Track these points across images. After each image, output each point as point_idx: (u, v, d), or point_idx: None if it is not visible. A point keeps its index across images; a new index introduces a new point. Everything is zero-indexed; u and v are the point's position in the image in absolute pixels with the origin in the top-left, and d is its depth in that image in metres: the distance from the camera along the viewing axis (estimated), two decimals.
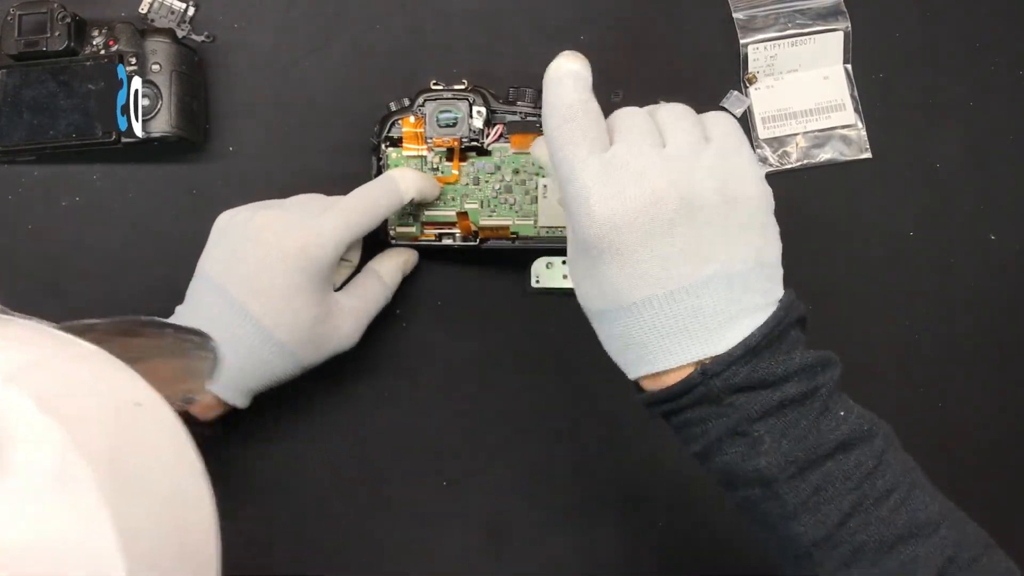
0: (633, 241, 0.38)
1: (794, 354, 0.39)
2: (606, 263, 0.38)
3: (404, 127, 0.54)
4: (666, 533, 0.56)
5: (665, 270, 0.38)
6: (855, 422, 0.39)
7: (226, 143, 0.58)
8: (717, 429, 0.39)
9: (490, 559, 0.56)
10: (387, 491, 0.57)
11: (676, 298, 0.38)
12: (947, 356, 0.57)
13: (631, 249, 0.38)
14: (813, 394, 0.39)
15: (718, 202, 0.38)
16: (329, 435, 0.57)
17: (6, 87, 0.55)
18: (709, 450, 0.40)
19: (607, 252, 0.38)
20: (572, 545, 0.56)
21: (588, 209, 0.38)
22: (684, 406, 0.39)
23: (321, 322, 0.49)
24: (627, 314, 0.39)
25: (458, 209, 0.54)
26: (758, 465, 0.38)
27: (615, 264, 0.38)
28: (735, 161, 0.40)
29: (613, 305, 0.39)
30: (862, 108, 0.58)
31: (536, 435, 0.57)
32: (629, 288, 0.38)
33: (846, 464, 0.38)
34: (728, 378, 0.38)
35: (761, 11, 0.59)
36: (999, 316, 0.58)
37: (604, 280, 0.39)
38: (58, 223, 0.58)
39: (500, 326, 0.58)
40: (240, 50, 0.59)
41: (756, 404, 0.38)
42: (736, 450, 0.39)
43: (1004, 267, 0.58)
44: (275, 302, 0.47)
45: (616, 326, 0.40)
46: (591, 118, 0.39)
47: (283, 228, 0.47)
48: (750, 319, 0.39)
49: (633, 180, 0.38)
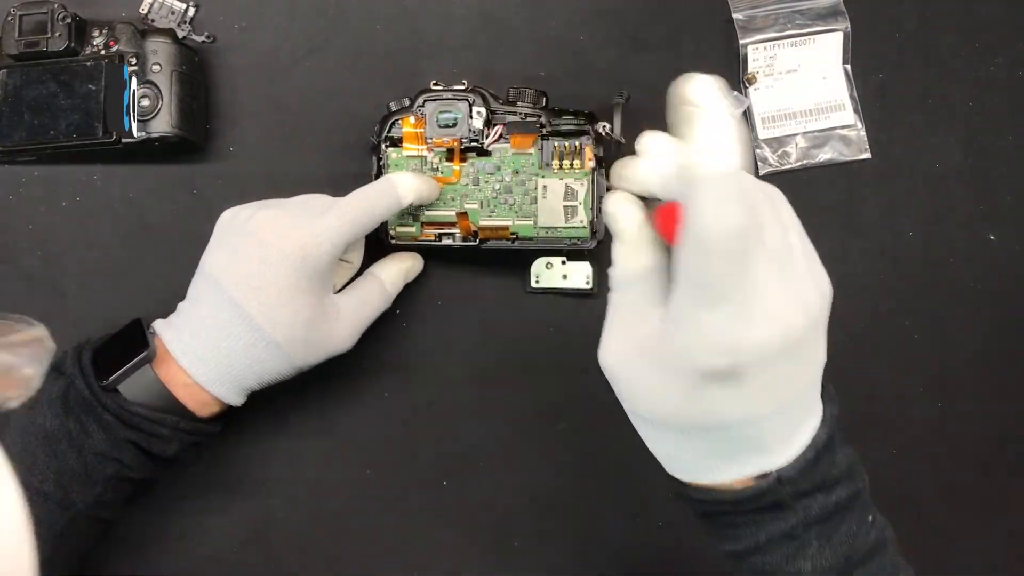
0: (768, 365, 0.34)
1: (839, 453, 0.38)
2: (727, 387, 0.34)
3: (404, 127, 0.54)
4: (666, 533, 0.56)
5: (774, 391, 0.35)
6: (880, 527, 0.39)
7: (226, 143, 0.58)
8: (769, 532, 0.38)
9: (490, 559, 0.56)
10: (387, 491, 0.57)
11: (771, 417, 0.35)
12: (947, 356, 0.57)
13: (757, 373, 0.34)
14: (857, 497, 0.39)
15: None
16: (329, 435, 0.57)
17: (6, 87, 0.55)
18: (752, 551, 0.39)
19: (734, 376, 0.33)
20: (572, 545, 0.56)
21: (744, 331, 0.33)
22: (745, 510, 0.38)
23: (317, 324, 0.49)
24: (714, 431, 0.36)
25: (458, 209, 0.54)
26: (801, 568, 0.37)
27: (733, 387, 0.34)
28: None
29: (702, 424, 0.36)
30: (862, 108, 0.58)
31: (536, 435, 0.57)
32: (732, 408, 0.35)
33: (870, 572, 0.38)
34: (799, 484, 0.37)
35: (761, 11, 0.59)
36: (999, 316, 0.58)
37: (709, 400, 0.35)
38: (58, 223, 0.58)
39: (500, 326, 0.58)
40: (240, 50, 0.59)
41: (815, 508, 0.37)
42: (782, 552, 0.38)
43: (1004, 267, 0.58)
44: (272, 302, 0.47)
45: (691, 438, 0.37)
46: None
47: (283, 228, 0.47)
48: (813, 419, 0.38)
49: (784, 310, 0.33)
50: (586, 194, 0.53)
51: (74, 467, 0.46)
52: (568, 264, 0.56)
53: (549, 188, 0.53)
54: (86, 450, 0.46)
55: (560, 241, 0.54)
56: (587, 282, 0.56)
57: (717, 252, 0.32)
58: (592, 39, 0.59)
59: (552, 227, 0.54)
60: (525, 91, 0.54)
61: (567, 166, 0.53)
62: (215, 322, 0.47)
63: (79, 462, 0.46)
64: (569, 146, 0.53)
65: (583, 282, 0.56)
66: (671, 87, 0.35)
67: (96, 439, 0.46)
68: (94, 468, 0.46)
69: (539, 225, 0.54)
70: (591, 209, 0.53)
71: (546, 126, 0.53)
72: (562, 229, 0.54)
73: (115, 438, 0.46)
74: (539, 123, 0.53)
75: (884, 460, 0.56)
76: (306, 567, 0.56)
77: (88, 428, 0.46)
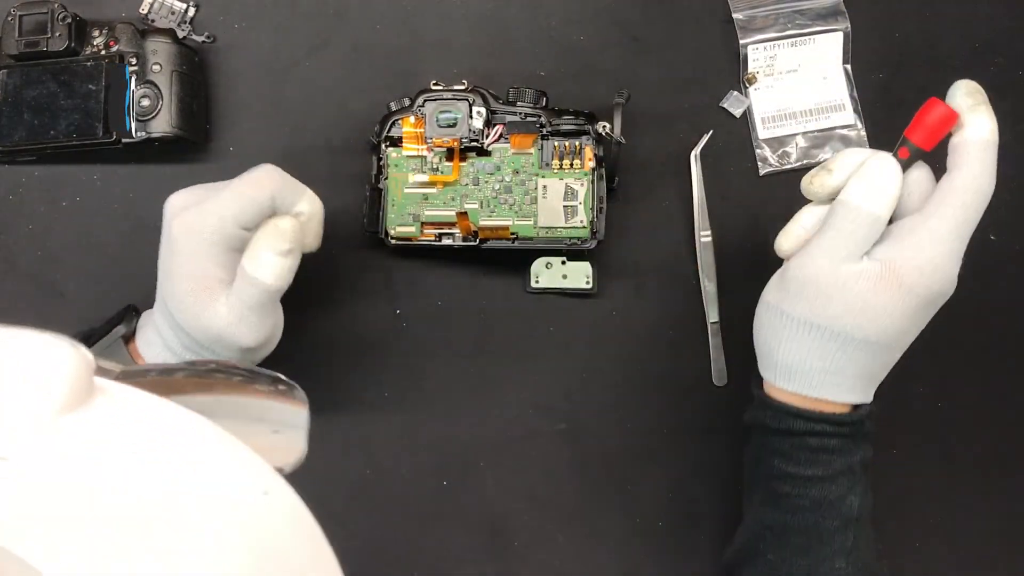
0: (934, 305, 0.44)
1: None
2: (928, 311, 0.44)
3: (404, 127, 0.54)
4: (666, 533, 0.57)
5: (919, 330, 0.45)
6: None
7: (226, 143, 0.58)
8: (843, 462, 0.45)
9: (490, 559, 0.56)
10: (387, 491, 0.57)
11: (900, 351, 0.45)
12: (947, 356, 0.57)
13: (930, 310, 0.44)
14: (869, 462, 0.47)
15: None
16: (329, 435, 0.57)
17: (7, 87, 0.55)
18: (822, 478, 0.45)
19: (933, 305, 0.44)
20: (572, 545, 0.56)
21: (954, 270, 0.43)
22: (840, 433, 0.45)
23: (205, 305, 0.46)
24: (896, 351, 0.45)
25: (458, 209, 0.54)
26: (852, 504, 0.45)
27: (926, 313, 0.44)
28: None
29: (902, 343, 0.44)
30: (862, 108, 0.58)
31: (536, 435, 0.57)
32: (915, 334, 0.45)
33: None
34: (871, 426, 0.46)
35: (761, 11, 0.59)
36: (999, 316, 0.58)
37: (916, 322, 0.44)
38: (58, 223, 0.58)
39: (500, 326, 0.58)
40: (240, 50, 0.59)
41: (869, 452, 0.46)
42: (844, 483, 0.45)
43: (1004, 267, 0.58)
44: (172, 283, 0.47)
45: (871, 354, 0.44)
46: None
47: (178, 208, 0.47)
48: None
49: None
50: (586, 194, 0.53)
51: None
52: (568, 264, 0.56)
53: (549, 188, 0.53)
54: None
55: (560, 241, 0.54)
56: (587, 282, 0.56)
57: (981, 206, 0.43)
58: (592, 39, 0.59)
59: (552, 227, 0.54)
60: (525, 91, 0.54)
61: (567, 166, 0.53)
62: (155, 312, 0.49)
63: None
64: (569, 146, 0.53)
65: (583, 282, 0.56)
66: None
67: None
68: None
69: (539, 225, 0.54)
70: (591, 209, 0.53)
71: (546, 126, 0.53)
72: (562, 229, 0.54)
73: None
74: (539, 123, 0.53)
75: (884, 460, 0.56)
76: None
77: None
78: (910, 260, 0.42)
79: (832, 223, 0.43)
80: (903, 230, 0.43)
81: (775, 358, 0.45)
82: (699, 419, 0.57)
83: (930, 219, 0.42)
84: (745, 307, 0.57)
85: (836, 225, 0.43)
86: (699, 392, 0.57)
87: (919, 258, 0.42)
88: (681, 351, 0.57)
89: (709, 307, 0.57)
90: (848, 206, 0.43)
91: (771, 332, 0.46)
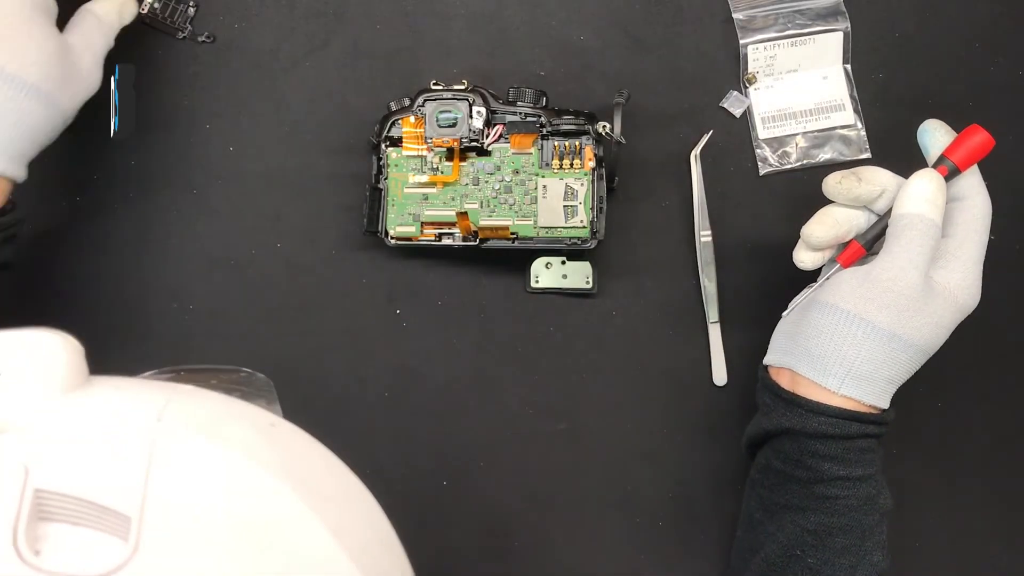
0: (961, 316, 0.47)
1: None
2: (956, 323, 0.47)
3: (404, 127, 0.54)
4: (666, 533, 0.57)
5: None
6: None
7: (226, 143, 0.58)
8: (875, 464, 0.47)
9: (490, 559, 0.56)
10: (387, 491, 0.57)
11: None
12: (947, 356, 0.57)
13: (958, 322, 0.47)
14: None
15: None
16: (329, 435, 0.57)
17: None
18: (861, 478, 0.47)
19: (963, 318, 0.47)
20: (572, 545, 0.56)
21: (980, 287, 0.47)
22: (876, 434, 0.47)
23: (62, 57, 0.47)
24: (925, 356, 0.47)
25: (458, 209, 0.54)
26: (887, 497, 0.48)
27: (955, 324, 0.47)
28: None
29: (932, 348, 0.47)
30: (861, 108, 0.58)
31: (536, 435, 0.57)
32: (941, 343, 0.47)
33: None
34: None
35: (761, 11, 0.59)
36: (999, 316, 0.58)
37: (947, 334, 0.47)
38: (57, 221, 0.58)
39: (500, 326, 0.58)
40: (240, 50, 0.59)
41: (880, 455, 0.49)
42: (875, 485, 0.47)
43: (1004, 267, 0.58)
44: (16, 43, 0.44)
45: (911, 358, 0.46)
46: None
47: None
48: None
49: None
50: (586, 194, 0.53)
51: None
52: (568, 264, 0.56)
53: (549, 188, 0.53)
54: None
55: (560, 241, 0.54)
56: (587, 282, 0.56)
57: (989, 229, 0.47)
58: (592, 39, 0.59)
59: (552, 227, 0.54)
60: (525, 91, 0.54)
61: (567, 166, 0.53)
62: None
63: None
64: (569, 146, 0.53)
65: (583, 282, 0.56)
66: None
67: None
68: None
69: (539, 225, 0.54)
70: (591, 209, 0.53)
71: (546, 126, 0.53)
72: (562, 229, 0.54)
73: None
74: (539, 123, 0.53)
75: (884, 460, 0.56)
76: None
77: None
78: (961, 281, 0.46)
79: (912, 237, 0.45)
80: (948, 253, 0.47)
81: (850, 367, 0.46)
82: (699, 419, 0.57)
83: (966, 243, 0.46)
84: (745, 307, 0.57)
85: (917, 239, 0.45)
86: (699, 392, 0.57)
87: (968, 279, 0.46)
88: (681, 351, 0.57)
89: (709, 307, 0.57)
90: (923, 220, 0.45)
91: (848, 341, 0.45)
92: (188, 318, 0.57)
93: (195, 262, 0.58)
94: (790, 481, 0.48)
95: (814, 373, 0.47)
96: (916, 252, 0.45)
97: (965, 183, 0.47)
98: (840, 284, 0.47)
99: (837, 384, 0.46)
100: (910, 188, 0.46)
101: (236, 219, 0.58)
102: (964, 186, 0.47)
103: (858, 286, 0.46)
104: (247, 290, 0.58)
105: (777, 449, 0.48)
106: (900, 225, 0.46)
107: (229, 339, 0.57)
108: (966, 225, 0.47)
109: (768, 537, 0.49)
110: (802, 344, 0.47)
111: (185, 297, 0.58)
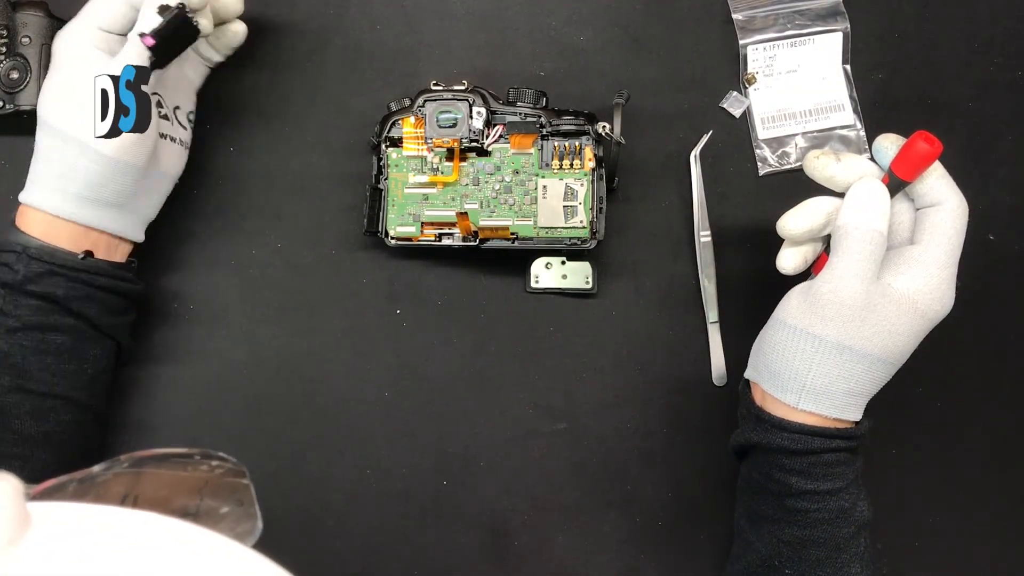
0: (934, 325, 0.46)
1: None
2: (927, 332, 0.46)
3: (404, 127, 0.54)
4: (666, 533, 0.57)
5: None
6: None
7: (226, 143, 0.59)
8: (852, 473, 0.46)
9: (490, 559, 0.56)
10: (387, 491, 0.57)
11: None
12: (946, 356, 0.57)
13: (929, 330, 0.46)
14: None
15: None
16: (329, 435, 0.57)
17: None
18: (838, 490, 0.46)
19: (933, 325, 0.46)
20: (572, 545, 0.56)
21: (953, 292, 0.46)
22: (850, 447, 0.46)
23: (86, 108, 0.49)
24: (892, 367, 0.46)
25: (458, 209, 0.54)
26: (862, 510, 0.47)
27: (922, 331, 0.46)
28: None
29: (900, 360, 0.46)
30: (861, 108, 0.58)
31: (536, 435, 0.57)
32: (909, 354, 0.46)
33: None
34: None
35: (760, 12, 0.59)
36: (999, 316, 0.58)
37: (918, 342, 0.46)
38: None
39: (500, 326, 0.58)
40: (240, 50, 0.59)
41: (862, 465, 0.48)
42: (853, 494, 0.46)
43: (1004, 267, 0.58)
44: (63, 104, 0.49)
45: (874, 370, 0.45)
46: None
47: (58, 35, 0.51)
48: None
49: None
50: (586, 194, 0.53)
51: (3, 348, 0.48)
52: (568, 264, 0.56)
53: (549, 188, 0.53)
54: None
55: (560, 241, 0.54)
56: (587, 282, 0.56)
57: (965, 229, 0.45)
58: (592, 39, 0.59)
59: (552, 227, 0.54)
60: (525, 91, 0.54)
61: (567, 166, 0.53)
62: (41, 150, 0.50)
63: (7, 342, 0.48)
64: (569, 146, 0.54)
65: (583, 282, 0.56)
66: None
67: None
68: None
69: (539, 225, 0.54)
70: (591, 209, 0.53)
71: (546, 126, 0.53)
72: (562, 229, 0.54)
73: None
74: (539, 123, 0.53)
75: (884, 460, 0.56)
76: (306, 567, 0.56)
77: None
78: (922, 287, 0.44)
79: (849, 246, 0.44)
80: (908, 259, 0.45)
81: (803, 382, 0.45)
82: (699, 419, 0.57)
83: (930, 248, 0.45)
84: (745, 307, 0.57)
85: (854, 248, 0.44)
86: (699, 392, 0.57)
87: (929, 285, 0.44)
88: (681, 351, 0.58)
89: (709, 307, 0.57)
90: (860, 228, 0.44)
91: (798, 356, 0.45)
92: (188, 318, 0.58)
93: (195, 262, 0.58)
94: (765, 493, 0.48)
95: (774, 389, 0.47)
96: (855, 261, 0.44)
97: (934, 188, 0.45)
98: (789, 299, 0.47)
99: (795, 400, 0.46)
100: (847, 198, 0.46)
101: (236, 219, 0.58)
102: (934, 192, 0.45)
103: (803, 300, 0.46)
104: (247, 290, 0.58)
105: (753, 461, 0.49)
106: (838, 236, 0.45)
107: (229, 339, 0.57)
108: (932, 230, 0.45)
109: (749, 546, 0.49)
110: (763, 360, 0.47)
111: (185, 297, 0.58)
